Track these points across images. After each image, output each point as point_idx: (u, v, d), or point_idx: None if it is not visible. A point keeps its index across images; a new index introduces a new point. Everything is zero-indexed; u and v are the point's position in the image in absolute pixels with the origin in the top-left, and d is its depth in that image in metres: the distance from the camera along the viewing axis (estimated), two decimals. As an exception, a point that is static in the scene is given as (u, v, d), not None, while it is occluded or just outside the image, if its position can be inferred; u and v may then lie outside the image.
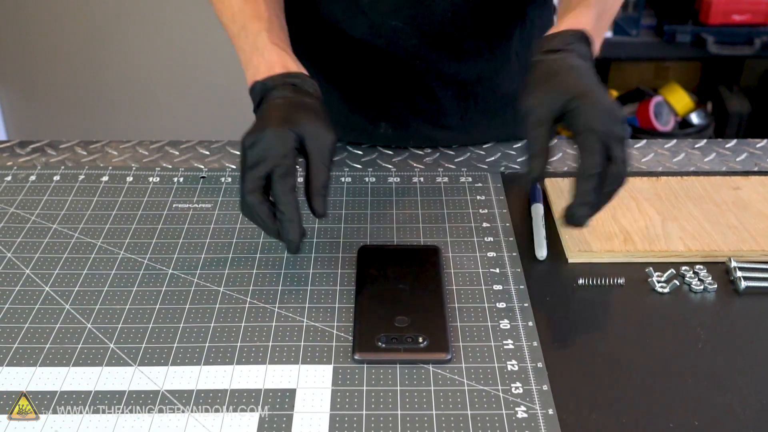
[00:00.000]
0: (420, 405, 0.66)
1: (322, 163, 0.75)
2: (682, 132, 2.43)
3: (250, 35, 0.84)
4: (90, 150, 1.01)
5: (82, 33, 2.36)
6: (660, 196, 0.90)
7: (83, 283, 0.78)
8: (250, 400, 0.66)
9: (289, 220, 0.74)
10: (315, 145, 0.75)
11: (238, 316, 0.75)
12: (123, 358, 0.70)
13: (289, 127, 0.74)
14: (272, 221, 0.74)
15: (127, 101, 2.44)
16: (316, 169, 0.75)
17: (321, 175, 0.75)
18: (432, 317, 0.73)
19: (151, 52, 2.38)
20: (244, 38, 0.85)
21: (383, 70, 0.99)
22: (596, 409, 0.65)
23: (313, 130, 0.75)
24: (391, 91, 1.01)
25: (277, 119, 0.75)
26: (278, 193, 0.73)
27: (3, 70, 2.44)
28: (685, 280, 0.79)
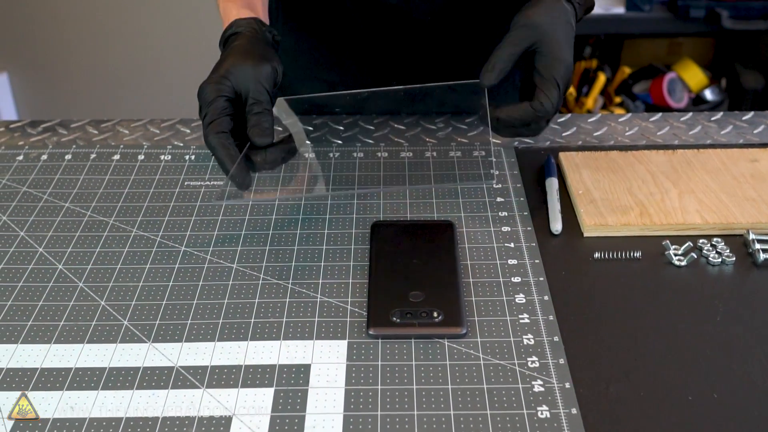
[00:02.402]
0: (435, 379, 0.65)
1: (254, 99, 0.76)
2: (696, 109, 2.41)
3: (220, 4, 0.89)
4: (101, 129, 1.01)
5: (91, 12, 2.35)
6: (676, 169, 0.89)
7: (96, 261, 0.78)
8: (265, 376, 0.66)
9: (218, 161, 0.75)
10: (245, 86, 0.76)
11: (252, 293, 0.74)
12: (137, 335, 0.70)
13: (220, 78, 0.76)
14: None
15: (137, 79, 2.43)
16: (249, 106, 0.76)
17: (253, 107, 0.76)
18: (446, 292, 0.73)
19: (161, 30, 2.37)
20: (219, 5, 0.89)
21: (395, 28, 0.98)
22: (613, 382, 0.65)
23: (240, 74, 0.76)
24: (404, 49, 1.00)
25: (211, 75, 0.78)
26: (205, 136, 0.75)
27: (14, 51, 2.44)
28: (703, 253, 0.78)
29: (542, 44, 0.78)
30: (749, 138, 0.97)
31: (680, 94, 2.44)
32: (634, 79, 2.44)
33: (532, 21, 0.79)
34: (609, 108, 2.42)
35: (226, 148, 0.74)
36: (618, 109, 2.40)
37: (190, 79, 2.38)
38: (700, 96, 2.46)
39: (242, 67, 0.77)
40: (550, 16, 0.79)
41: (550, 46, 0.78)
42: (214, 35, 0.92)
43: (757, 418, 0.62)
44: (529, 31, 0.78)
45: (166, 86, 2.42)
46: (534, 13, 0.79)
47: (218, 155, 0.74)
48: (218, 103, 0.75)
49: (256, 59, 0.78)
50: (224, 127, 0.75)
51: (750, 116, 1.01)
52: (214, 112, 0.75)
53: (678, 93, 2.43)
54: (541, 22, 0.78)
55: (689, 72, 2.45)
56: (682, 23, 2.30)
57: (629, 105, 2.42)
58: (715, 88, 2.47)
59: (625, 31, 2.33)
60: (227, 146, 0.74)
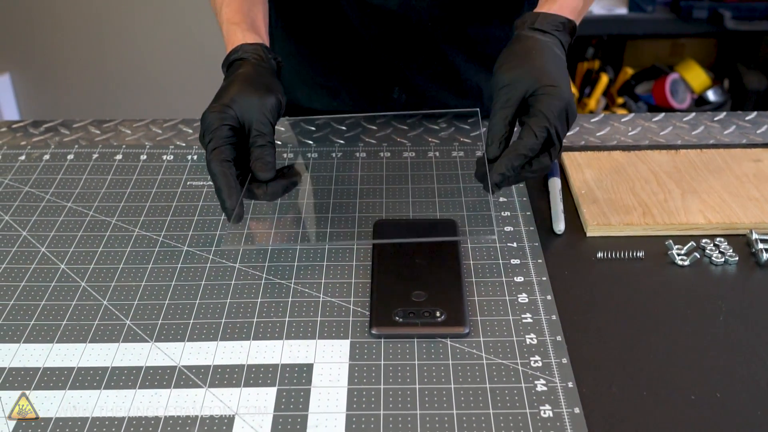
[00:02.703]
0: (438, 379, 0.65)
1: (257, 131, 0.76)
2: (699, 109, 2.41)
3: (217, 12, 0.88)
4: (103, 129, 1.01)
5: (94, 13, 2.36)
6: (679, 169, 0.89)
7: (99, 261, 0.78)
8: (267, 375, 0.66)
9: (218, 188, 0.74)
10: (249, 116, 0.76)
11: (254, 292, 0.74)
12: (139, 335, 0.70)
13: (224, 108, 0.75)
14: None
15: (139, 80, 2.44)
16: (253, 138, 0.76)
17: (257, 140, 0.75)
18: (449, 291, 0.73)
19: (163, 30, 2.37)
20: (218, 17, 0.88)
21: (396, 34, 0.98)
22: (616, 382, 0.65)
23: (245, 104, 0.76)
24: (404, 55, 1.00)
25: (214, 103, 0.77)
26: (208, 163, 0.74)
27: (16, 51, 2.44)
28: (706, 253, 0.78)
29: (531, 91, 0.75)
30: (752, 138, 0.96)
31: (683, 95, 2.43)
32: (636, 80, 2.44)
33: (511, 77, 0.75)
34: (611, 109, 2.42)
35: (227, 177, 0.73)
36: (620, 110, 2.40)
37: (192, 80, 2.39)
38: (703, 97, 2.45)
39: (247, 98, 0.76)
40: (529, 61, 0.76)
41: (537, 90, 0.74)
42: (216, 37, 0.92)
43: (760, 418, 0.62)
44: (512, 91, 0.75)
45: (168, 86, 2.43)
46: (511, 67, 0.76)
47: (218, 183, 0.73)
48: (222, 132, 0.75)
49: (262, 90, 0.77)
50: (227, 155, 0.74)
51: (753, 116, 1.01)
52: (218, 140, 0.74)
53: (681, 94, 2.43)
54: (521, 75, 0.75)
55: (692, 73, 2.45)
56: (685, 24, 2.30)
57: (632, 106, 2.41)
58: (718, 89, 2.46)
59: (627, 31, 2.33)
60: (228, 176, 0.73)
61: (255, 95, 0.76)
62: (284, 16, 1.04)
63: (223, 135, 0.75)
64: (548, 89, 0.73)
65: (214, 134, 0.75)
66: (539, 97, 0.74)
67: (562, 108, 0.73)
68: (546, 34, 0.79)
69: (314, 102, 1.05)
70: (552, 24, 0.79)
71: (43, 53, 2.44)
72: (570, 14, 0.80)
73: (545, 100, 0.73)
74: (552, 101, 0.73)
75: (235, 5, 0.86)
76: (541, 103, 0.73)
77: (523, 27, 0.80)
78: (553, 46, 0.78)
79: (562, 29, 0.79)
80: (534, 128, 0.73)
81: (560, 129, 0.74)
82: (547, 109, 0.73)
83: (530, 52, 0.77)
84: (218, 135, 0.75)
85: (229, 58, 0.82)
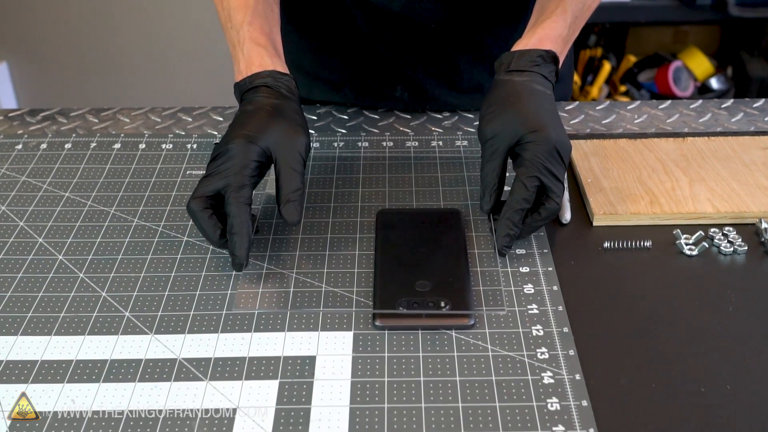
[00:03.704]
0: (443, 371, 0.64)
1: (291, 168, 0.73)
2: (702, 97, 2.38)
3: (234, 26, 0.83)
4: (101, 117, 1.00)
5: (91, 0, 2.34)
6: (686, 157, 0.87)
7: (97, 252, 0.77)
8: (269, 368, 0.65)
9: (235, 233, 0.71)
10: (283, 152, 0.74)
11: (255, 283, 0.73)
12: (139, 327, 0.69)
13: (252, 140, 0.73)
14: (212, 230, 0.72)
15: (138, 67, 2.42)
16: (285, 174, 0.73)
17: (290, 180, 0.73)
18: (454, 281, 0.71)
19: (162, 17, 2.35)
20: (229, 29, 0.84)
21: (399, 34, 0.96)
22: (625, 374, 0.63)
23: (280, 138, 0.74)
24: (407, 54, 0.98)
25: (243, 132, 0.74)
26: (229, 204, 0.72)
27: (13, 39, 2.42)
28: (714, 242, 0.76)
29: (515, 140, 0.74)
30: (760, 125, 0.95)
31: (686, 82, 2.41)
32: (639, 68, 2.42)
33: (494, 130, 0.74)
34: (614, 97, 2.40)
35: (244, 226, 0.71)
36: (623, 98, 2.38)
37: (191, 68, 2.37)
38: (706, 85, 2.43)
39: (281, 132, 0.74)
40: (508, 109, 0.75)
41: (521, 138, 0.73)
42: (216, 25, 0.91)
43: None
44: (496, 143, 0.74)
45: (167, 74, 2.41)
46: (491, 118, 0.75)
47: (235, 229, 0.71)
48: (248, 170, 0.72)
49: (296, 126, 0.75)
50: (248, 198, 0.72)
51: (761, 103, 0.99)
52: (243, 177, 0.71)
53: (684, 82, 2.41)
54: (503, 126, 0.74)
55: (695, 60, 2.43)
56: (688, 11, 2.28)
57: (634, 94, 2.40)
58: (721, 76, 2.44)
59: (630, 19, 2.31)
60: (245, 224, 0.71)
61: (290, 130, 0.74)
62: (288, 7, 1.01)
63: (248, 173, 0.72)
64: (532, 136, 0.73)
65: (240, 170, 0.72)
66: (525, 146, 0.73)
67: (549, 150, 0.73)
68: (524, 74, 0.77)
69: (314, 94, 1.03)
70: (529, 61, 0.78)
71: (41, 41, 2.42)
72: (552, 45, 0.79)
73: (530, 148, 0.73)
74: (537, 148, 0.73)
75: (257, 23, 0.82)
76: (527, 151, 0.73)
77: (500, 71, 0.79)
78: (533, 84, 0.77)
79: (541, 63, 0.78)
80: (523, 179, 0.72)
81: (555, 170, 0.73)
82: (533, 158, 0.72)
83: (508, 99, 0.76)
84: (244, 173, 0.72)
85: (253, 81, 0.78)
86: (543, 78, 0.78)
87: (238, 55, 0.81)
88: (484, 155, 0.76)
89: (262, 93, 0.78)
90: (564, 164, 0.74)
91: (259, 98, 0.77)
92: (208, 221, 0.72)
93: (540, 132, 0.73)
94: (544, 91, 0.77)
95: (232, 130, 0.75)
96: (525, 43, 0.79)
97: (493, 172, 0.75)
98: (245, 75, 0.79)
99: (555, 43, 0.79)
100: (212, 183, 0.72)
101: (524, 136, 0.73)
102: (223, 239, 0.72)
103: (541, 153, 0.73)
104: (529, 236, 0.77)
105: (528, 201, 0.73)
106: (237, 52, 0.82)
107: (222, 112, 1.00)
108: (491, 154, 0.75)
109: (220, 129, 0.97)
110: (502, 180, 0.76)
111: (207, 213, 0.72)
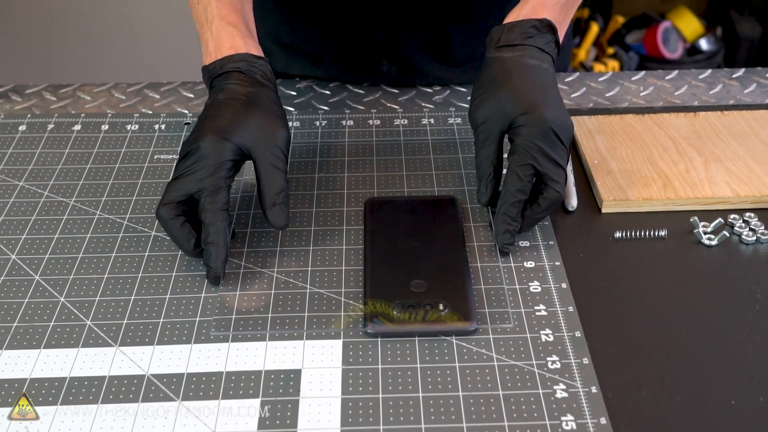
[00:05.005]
0: (444, 385, 0.57)
1: (272, 167, 0.66)
2: (691, 59, 2.32)
3: (201, 1, 0.74)
4: (60, 95, 0.91)
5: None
6: (699, 134, 0.80)
7: (54, 250, 0.69)
8: (249, 385, 0.58)
9: (211, 243, 0.64)
10: (261, 149, 0.66)
11: (232, 284, 0.66)
12: (102, 337, 0.61)
13: (226, 136, 0.65)
14: (186, 239, 0.65)
15: (101, 38, 2.28)
16: (267, 174, 0.66)
17: (273, 181, 0.66)
18: (453, 280, 0.64)
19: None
20: (196, 5, 0.75)
21: (385, 3, 0.87)
22: (645, 385, 0.57)
23: (257, 133, 0.66)
24: (394, 26, 0.90)
25: (215, 127, 0.66)
26: (205, 211, 0.64)
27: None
28: (735, 230, 0.70)
29: (507, 124, 0.67)
30: (775, 97, 0.88)
31: (675, 44, 2.35)
32: (627, 29, 2.35)
33: (484, 114, 0.67)
34: (602, 59, 2.32)
35: (222, 234, 0.64)
36: (611, 60, 2.31)
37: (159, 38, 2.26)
38: (695, 46, 2.37)
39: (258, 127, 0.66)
40: (497, 90, 0.67)
41: (513, 122, 0.66)
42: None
43: (810, 425, 0.54)
44: (487, 128, 0.67)
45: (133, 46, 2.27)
46: (481, 102, 0.68)
47: (211, 238, 0.63)
48: (222, 171, 0.64)
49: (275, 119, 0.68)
50: (224, 203, 0.64)
51: (774, 73, 0.92)
52: (218, 180, 0.64)
53: (672, 43, 2.34)
54: (493, 110, 0.67)
55: (684, 20, 2.36)
56: (677, -31, 2.20)
57: (622, 56, 2.32)
58: (711, 36, 2.38)
59: (618, -22, 2.23)
60: (223, 232, 0.64)
61: (268, 123, 0.67)
62: None
63: (223, 175, 0.64)
64: (523, 118, 0.66)
65: (214, 172, 0.64)
66: (517, 130, 0.66)
67: (544, 133, 0.65)
68: (515, 48, 0.69)
69: (293, 68, 0.95)
70: (521, 34, 0.70)
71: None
72: (548, 13, 0.70)
73: (523, 132, 0.66)
74: (530, 131, 0.65)
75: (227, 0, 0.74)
76: (519, 136, 0.66)
77: (490, 48, 0.71)
78: (526, 59, 0.69)
79: (535, 34, 0.70)
80: (515, 168, 0.66)
81: (553, 154, 0.65)
82: (526, 143, 0.65)
83: (498, 78, 0.68)
84: (219, 174, 0.64)
85: (224, 65, 0.70)
86: (538, 51, 0.69)
87: (206, 35, 0.73)
88: (477, 142, 0.69)
89: (235, 79, 0.69)
90: (564, 146, 0.67)
91: (232, 85, 0.69)
92: (181, 230, 0.65)
93: (532, 113, 0.65)
94: (539, 65, 0.69)
95: (202, 124, 0.67)
96: (517, 13, 0.71)
97: (487, 160, 0.68)
98: (215, 58, 0.71)
99: (551, 11, 0.71)
100: (184, 186, 0.65)
101: (516, 118, 0.66)
102: (198, 248, 0.65)
103: (535, 136, 0.65)
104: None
105: (523, 192, 0.66)
106: (205, 31, 0.73)
107: (192, 88, 0.92)
108: (483, 140, 0.68)
109: (191, 107, 0.88)
110: (499, 168, 0.69)
111: (179, 221, 0.65)
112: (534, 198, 0.67)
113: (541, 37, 0.70)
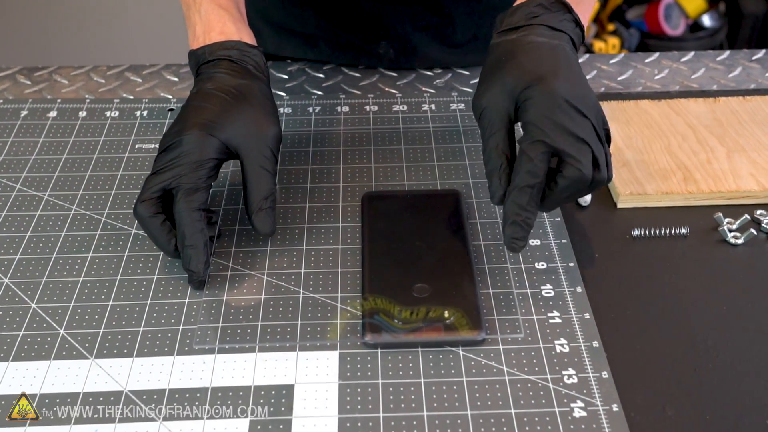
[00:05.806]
0: (451, 403, 0.52)
1: (261, 168, 0.60)
2: (693, 36, 2.26)
3: None
4: (34, 79, 0.85)
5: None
6: (720, 121, 0.75)
7: (26, 250, 0.64)
8: (237, 402, 0.53)
9: (189, 246, 0.58)
10: (249, 148, 0.61)
11: (219, 288, 0.60)
12: (76, 348, 0.56)
13: (211, 131, 0.60)
14: (166, 239, 0.60)
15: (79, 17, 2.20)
16: (254, 176, 0.60)
17: (261, 184, 0.60)
18: (459, 284, 0.59)
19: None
20: None
21: None
22: (672, 403, 0.52)
23: (245, 129, 0.61)
24: (392, 4, 0.84)
25: (200, 120, 0.61)
26: (179, 211, 0.59)
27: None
28: (762, 228, 0.65)
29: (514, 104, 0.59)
30: (798, 81, 0.83)
31: (677, 20, 2.29)
32: (627, 5, 2.29)
33: (487, 100, 0.59)
34: (602, 36, 2.27)
35: (199, 234, 0.59)
36: (611, 37, 2.25)
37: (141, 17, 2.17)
38: (698, 22, 2.31)
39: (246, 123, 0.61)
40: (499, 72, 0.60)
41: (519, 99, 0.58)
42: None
43: None
44: (491, 113, 0.59)
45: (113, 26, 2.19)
46: (484, 90, 0.60)
47: (188, 240, 0.58)
48: (203, 170, 0.59)
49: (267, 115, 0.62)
50: (201, 202, 0.59)
51: (796, 54, 0.87)
52: (196, 178, 0.59)
53: (674, 19, 2.29)
54: (495, 93, 0.59)
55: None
56: (681, -57, 2.14)
57: (623, 33, 2.27)
58: (714, 13, 2.32)
59: (619, -48, 2.17)
60: (200, 233, 0.59)
61: (258, 120, 0.61)
62: None
63: (204, 174, 0.59)
64: (529, 91, 0.58)
65: (195, 169, 0.59)
66: (524, 106, 0.58)
67: (556, 104, 0.57)
68: (519, 30, 0.62)
69: (284, 49, 0.88)
70: (525, 15, 0.62)
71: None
72: None
73: (530, 106, 0.57)
74: (537, 104, 0.57)
75: None
76: (526, 112, 0.58)
77: (494, 35, 0.64)
78: (531, 37, 0.61)
79: (542, 13, 0.62)
80: (525, 148, 0.57)
81: (571, 125, 0.56)
82: (535, 118, 0.57)
83: (500, 60, 0.60)
84: (199, 172, 0.59)
85: (214, 52, 0.65)
86: (548, 29, 0.62)
87: (194, 17, 0.67)
88: (483, 133, 0.60)
89: (224, 69, 0.64)
90: (586, 117, 0.58)
91: (221, 75, 0.64)
92: (160, 228, 0.59)
93: (539, 84, 0.57)
94: (549, 42, 0.61)
95: (186, 116, 0.62)
96: None
97: (496, 149, 0.58)
98: (203, 43, 0.66)
99: None
100: (163, 179, 0.59)
101: (521, 93, 0.58)
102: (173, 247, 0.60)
103: (545, 108, 0.57)
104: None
105: (535, 174, 0.57)
106: (192, 13, 0.67)
107: (177, 71, 0.86)
108: (489, 128, 0.59)
109: (176, 92, 0.83)
110: (512, 158, 0.59)
111: (158, 219, 0.59)
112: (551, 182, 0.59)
113: (550, 15, 0.62)
